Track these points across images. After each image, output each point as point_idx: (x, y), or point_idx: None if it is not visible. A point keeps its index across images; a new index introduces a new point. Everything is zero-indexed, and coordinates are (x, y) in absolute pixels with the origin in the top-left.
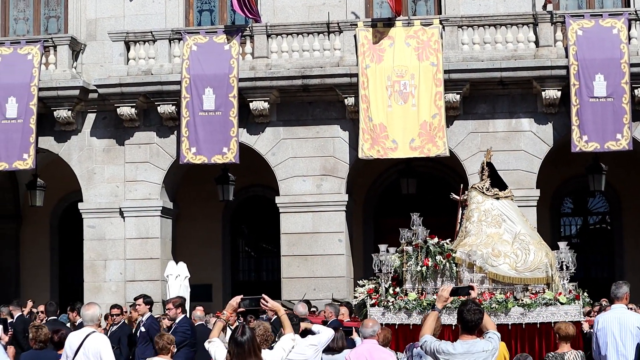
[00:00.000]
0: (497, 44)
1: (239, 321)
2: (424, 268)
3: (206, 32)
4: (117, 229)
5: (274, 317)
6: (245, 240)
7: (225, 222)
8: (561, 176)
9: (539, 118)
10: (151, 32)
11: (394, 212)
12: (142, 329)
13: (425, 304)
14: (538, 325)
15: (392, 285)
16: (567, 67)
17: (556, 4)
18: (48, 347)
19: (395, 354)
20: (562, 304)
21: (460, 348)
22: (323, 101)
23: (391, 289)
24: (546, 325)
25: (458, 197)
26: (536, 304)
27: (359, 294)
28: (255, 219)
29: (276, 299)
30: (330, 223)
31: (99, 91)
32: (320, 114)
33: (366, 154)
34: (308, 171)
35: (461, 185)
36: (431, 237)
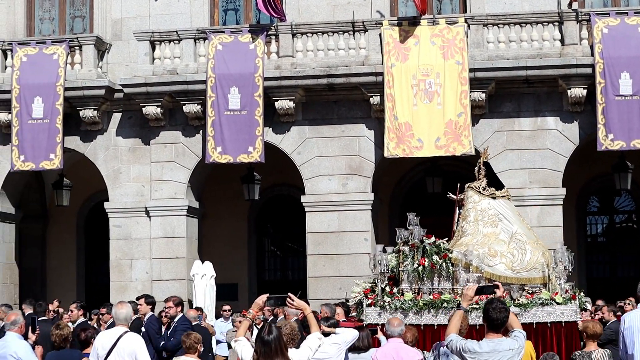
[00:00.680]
0: (522, 42)
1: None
2: (421, 268)
3: (231, 32)
4: (143, 229)
5: (270, 317)
6: (271, 240)
7: (251, 221)
8: (587, 175)
9: (565, 116)
10: (176, 31)
11: (419, 211)
12: (142, 329)
13: (421, 304)
14: (534, 325)
15: (388, 285)
16: (592, 66)
17: (582, 2)
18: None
19: (422, 352)
20: (558, 303)
21: (486, 346)
22: (348, 100)
23: (387, 288)
24: (542, 325)
25: (455, 197)
26: (532, 303)
27: (356, 294)
28: (281, 218)
29: (302, 298)
30: (356, 222)
31: (124, 91)
32: (345, 113)
33: (392, 152)
34: (334, 170)
35: (458, 184)
36: (428, 237)
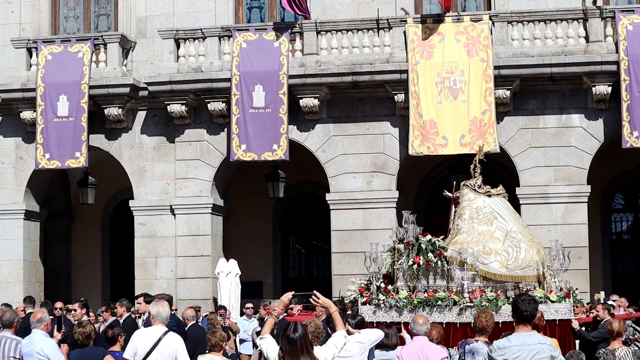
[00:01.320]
0: (547, 40)
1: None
2: (415, 266)
3: (256, 29)
4: (167, 227)
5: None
6: (296, 237)
7: (276, 219)
8: (612, 172)
9: (590, 114)
10: (201, 29)
11: (444, 209)
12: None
13: (415, 302)
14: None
15: (383, 283)
16: (617, 63)
17: None
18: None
19: (447, 350)
20: (552, 302)
21: (515, 340)
22: (373, 98)
23: (382, 286)
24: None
25: (451, 195)
26: None
27: (351, 292)
28: (306, 216)
29: (327, 296)
30: (380, 220)
31: (149, 89)
32: (370, 110)
33: (416, 150)
34: (358, 168)
35: (454, 182)
36: (423, 235)
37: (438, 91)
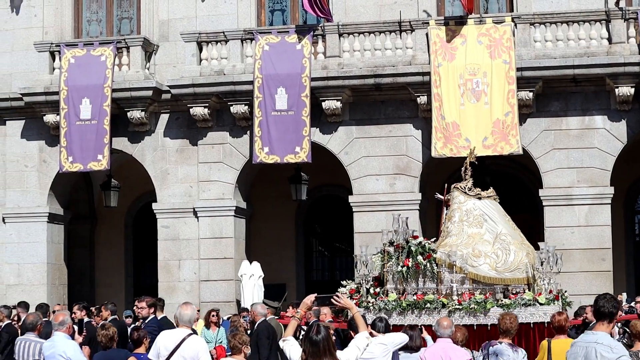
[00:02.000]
0: (569, 41)
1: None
2: (405, 268)
3: (278, 32)
4: (191, 229)
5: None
6: (319, 240)
7: (299, 221)
8: (635, 173)
9: (613, 115)
10: (223, 32)
11: None
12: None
13: (404, 304)
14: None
15: (373, 286)
16: None
17: (628, 0)
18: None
19: (471, 352)
20: (541, 304)
21: (581, 337)
22: (395, 100)
23: (372, 289)
24: (525, 325)
25: (442, 197)
26: (515, 304)
27: (341, 294)
28: (329, 218)
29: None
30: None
31: (171, 92)
32: (392, 112)
33: (439, 152)
34: (381, 170)
35: (445, 185)
36: (414, 238)
37: (460, 93)
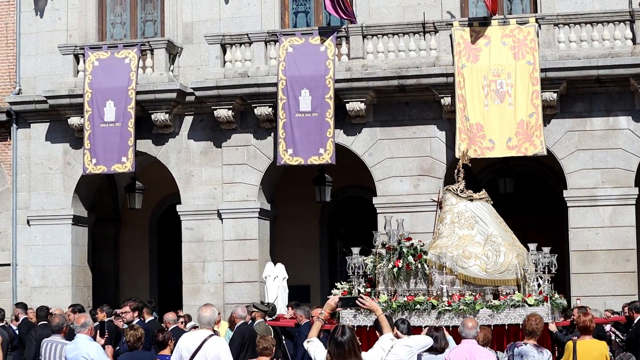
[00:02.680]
0: (593, 42)
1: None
2: (395, 269)
3: (302, 34)
4: (215, 231)
5: (254, 321)
6: (343, 241)
7: (323, 223)
8: None
9: (637, 116)
10: (247, 34)
11: None
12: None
13: (395, 305)
14: (506, 327)
15: (366, 287)
16: None
17: None
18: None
19: (495, 353)
20: (530, 305)
21: None
22: (419, 101)
23: (364, 290)
24: (514, 326)
25: (437, 200)
26: (504, 305)
27: (334, 296)
28: (353, 220)
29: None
30: (427, 223)
31: (195, 94)
32: (416, 114)
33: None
34: (405, 171)
35: (439, 188)
36: (407, 240)
37: (485, 94)
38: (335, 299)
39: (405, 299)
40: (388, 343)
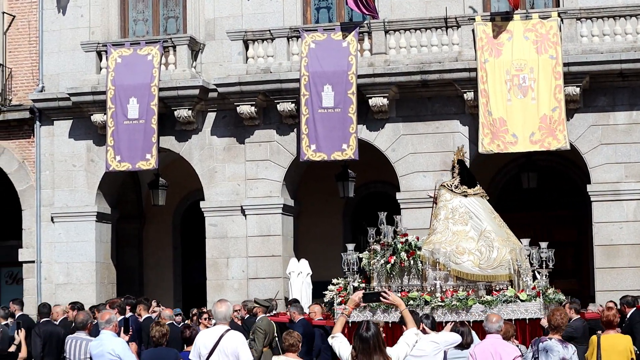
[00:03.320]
0: (616, 36)
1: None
2: (388, 265)
3: (324, 30)
4: (239, 227)
5: (247, 315)
6: (366, 237)
7: (346, 218)
8: None
9: None
10: (269, 30)
11: (515, 207)
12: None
13: None
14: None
15: (362, 283)
16: None
17: None
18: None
19: (519, 348)
20: (522, 301)
21: None
22: (442, 96)
23: (359, 286)
24: (507, 322)
25: (432, 195)
26: (497, 301)
27: (330, 292)
28: (376, 215)
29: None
30: None
31: (218, 90)
32: (439, 109)
33: (486, 148)
34: (428, 167)
35: (435, 184)
36: (402, 236)
37: (507, 89)
38: (359, 294)
39: (399, 294)
40: (412, 338)
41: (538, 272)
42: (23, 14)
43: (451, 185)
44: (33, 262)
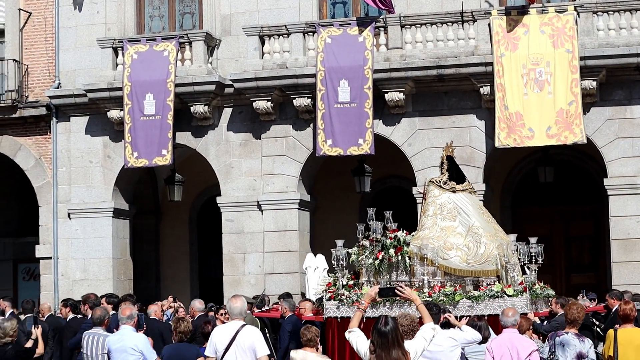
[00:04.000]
0: (632, 29)
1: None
2: (377, 261)
3: (340, 25)
4: (255, 222)
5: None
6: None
7: (363, 213)
8: None
9: None
10: (285, 25)
11: (531, 201)
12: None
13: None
14: (486, 317)
15: (351, 279)
16: None
17: None
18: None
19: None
20: (509, 296)
21: None
22: (458, 91)
23: (348, 282)
24: (494, 317)
25: (422, 191)
26: (484, 296)
27: (320, 287)
28: (393, 210)
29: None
30: None
31: (234, 86)
32: (455, 103)
33: (503, 142)
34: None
35: (425, 180)
36: (392, 232)
37: (524, 83)
38: (375, 289)
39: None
40: (429, 332)
41: (527, 268)
42: (39, 10)
43: (440, 181)
44: (50, 258)
